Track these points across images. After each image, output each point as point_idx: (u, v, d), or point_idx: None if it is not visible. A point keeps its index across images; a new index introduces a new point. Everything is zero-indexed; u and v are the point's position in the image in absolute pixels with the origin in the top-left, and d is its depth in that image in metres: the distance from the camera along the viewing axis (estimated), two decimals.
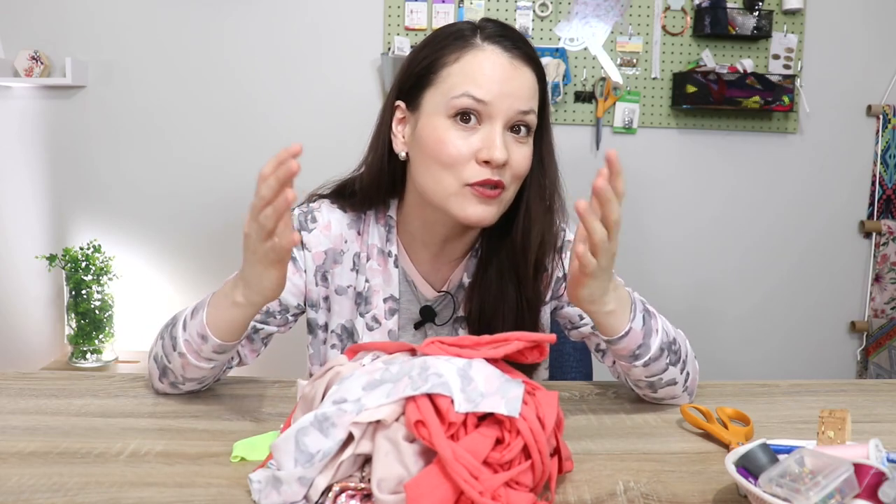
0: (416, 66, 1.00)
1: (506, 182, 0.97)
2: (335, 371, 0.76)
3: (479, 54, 0.96)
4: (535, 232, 1.03)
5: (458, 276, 1.11)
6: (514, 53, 0.97)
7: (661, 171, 2.65)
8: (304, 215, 1.09)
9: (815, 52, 2.62)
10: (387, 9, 2.51)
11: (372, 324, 1.09)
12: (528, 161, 0.99)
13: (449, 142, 0.95)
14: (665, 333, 0.94)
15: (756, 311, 2.74)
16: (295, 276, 1.07)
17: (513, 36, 0.98)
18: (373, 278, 1.08)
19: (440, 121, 0.96)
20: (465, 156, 0.95)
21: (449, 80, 0.96)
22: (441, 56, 0.98)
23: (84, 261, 2.39)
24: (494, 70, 0.95)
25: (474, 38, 0.97)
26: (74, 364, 2.42)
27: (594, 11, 2.55)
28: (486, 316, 1.06)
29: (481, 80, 0.95)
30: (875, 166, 2.69)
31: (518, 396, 0.68)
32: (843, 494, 0.62)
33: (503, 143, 0.95)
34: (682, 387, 0.98)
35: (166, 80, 2.52)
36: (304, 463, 0.66)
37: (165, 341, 0.96)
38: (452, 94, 0.95)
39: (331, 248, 1.08)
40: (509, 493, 0.64)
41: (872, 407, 1.03)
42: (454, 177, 0.96)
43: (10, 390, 0.99)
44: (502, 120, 0.95)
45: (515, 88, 0.96)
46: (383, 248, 1.09)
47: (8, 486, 0.71)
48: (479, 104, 0.94)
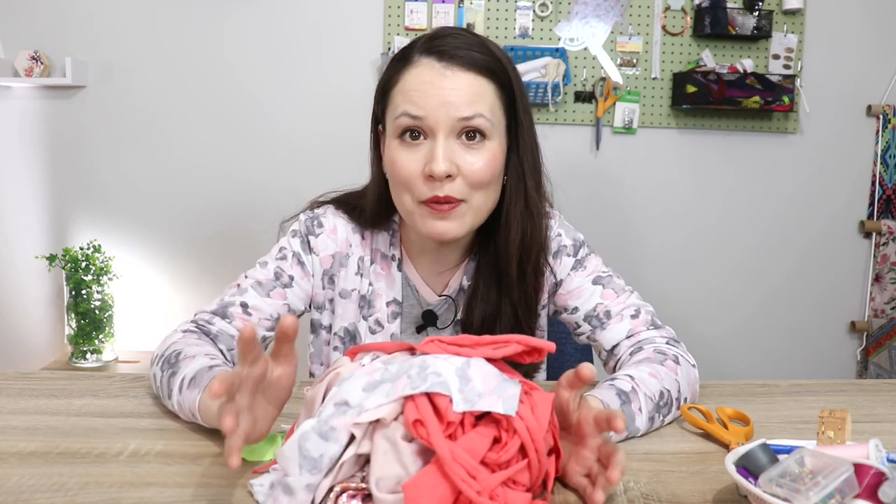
0: (377, 93, 1.04)
1: (459, 195, 0.97)
2: (335, 373, 0.76)
3: (413, 70, 0.97)
4: (514, 232, 1.03)
5: (457, 280, 1.12)
6: (449, 62, 0.96)
7: (661, 171, 2.64)
8: (310, 220, 1.11)
9: (815, 52, 2.62)
10: (387, 9, 2.51)
11: (375, 327, 1.10)
12: (487, 166, 0.97)
13: (398, 162, 0.98)
14: (648, 401, 0.89)
15: (756, 311, 2.74)
16: (303, 280, 1.09)
17: (456, 43, 0.97)
18: (376, 282, 1.10)
19: (392, 142, 0.99)
20: (414, 174, 0.97)
21: (393, 102, 0.99)
22: (389, 78, 1.01)
23: (84, 261, 2.39)
24: (425, 83, 0.96)
25: (413, 54, 0.98)
26: (74, 364, 2.42)
27: (594, 11, 2.55)
28: (487, 321, 1.07)
29: (414, 96, 0.96)
30: (875, 166, 2.69)
31: (515, 395, 0.68)
32: (843, 494, 0.62)
33: (445, 155, 0.95)
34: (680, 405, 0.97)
35: (166, 80, 2.52)
36: (311, 469, 0.66)
37: (163, 384, 0.91)
38: (395, 115, 0.98)
39: (337, 251, 1.10)
40: (507, 492, 0.65)
41: (872, 407, 1.03)
42: (410, 196, 0.99)
43: (10, 390, 0.99)
44: (444, 130, 0.96)
45: (451, 97, 0.95)
46: (387, 253, 1.11)
47: (8, 486, 0.71)
48: (416, 121, 0.96)
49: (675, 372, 0.96)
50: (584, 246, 1.13)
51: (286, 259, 1.09)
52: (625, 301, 1.09)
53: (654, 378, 0.93)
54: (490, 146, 0.98)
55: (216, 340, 1.03)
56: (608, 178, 2.60)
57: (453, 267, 1.12)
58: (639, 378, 0.91)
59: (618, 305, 1.08)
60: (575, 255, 1.12)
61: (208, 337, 1.03)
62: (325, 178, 2.28)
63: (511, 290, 1.06)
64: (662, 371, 0.95)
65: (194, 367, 0.88)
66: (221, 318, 1.04)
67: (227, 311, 1.05)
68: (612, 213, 2.62)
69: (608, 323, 1.07)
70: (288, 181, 2.52)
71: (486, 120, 0.96)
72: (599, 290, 1.09)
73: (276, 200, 2.54)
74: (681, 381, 0.96)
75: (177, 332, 1.02)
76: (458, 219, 0.99)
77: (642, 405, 0.88)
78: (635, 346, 1.04)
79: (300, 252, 1.10)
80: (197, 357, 0.91)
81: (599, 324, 1.08)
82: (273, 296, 1.07)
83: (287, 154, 2.54)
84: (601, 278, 1.11)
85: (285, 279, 1.08)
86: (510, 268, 1.04)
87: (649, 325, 1.06)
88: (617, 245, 2.62)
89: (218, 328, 1.03)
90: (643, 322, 1.06)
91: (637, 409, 0.88)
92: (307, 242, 1.10)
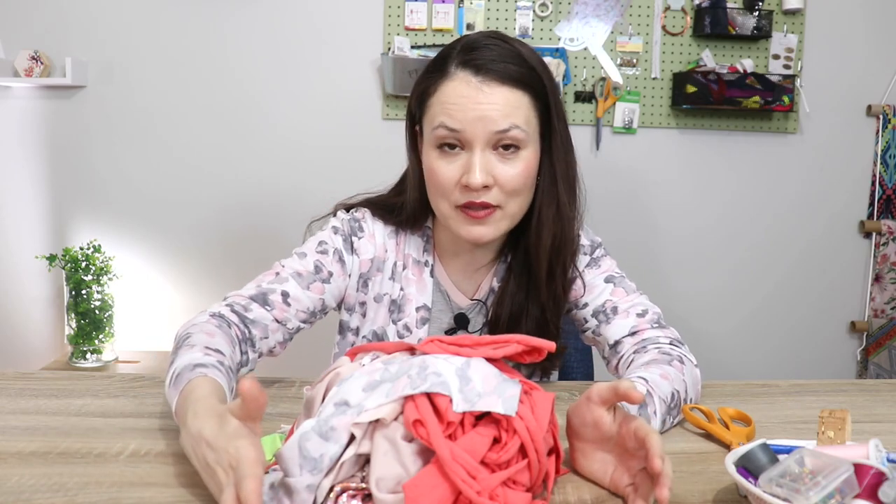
0: (413, 97, 1.06)
1: (495, 201, 1.00)
2: (335, 373, 0.76)
3: (450, 83, 0.99)
4: (546, 236, 1.05)
5: (488, 282, 1.14)
6: (485, 76, 0.98)
7: (661, 171, 2.65)
8: (353, 221, 1.13)
9: (815, 52, 2.61)
10: (387, 9, 2.51)
11: (403, 331, 1.12)
12: (522, 175, 1.00)
13: (437, 171, 1.01)
14: (661, 403, 0.89)
15: (756, 310, 2.74)
16: (339, 278, 1.10)
17: (491, 56, 0.99)
18: (407, 287, 1.12)
19: (430, 150, 1.02)
20: (451, 182, 1.00)
21: (430, 111, 1.02)
22: (427, 86, 1.03)
23: (84, 261, 2.39)
24: (462, 97, 0.98)
25: (451, 65, 1.00)
26: (74, 364, 2.42)
27: (594, 11, 2.55)
28: (513, 320, 1.08)
29: (452, 110, 0.98)
30: (875, 166, 2.69)
31: (515, 396, 0.68)
32: (843, 494, 0.62)
33: (482, 167, 0.98)
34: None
35: (166, 80, 2.52)
36: (311, 469, 0.66)
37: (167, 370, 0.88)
38: (433, 126, 1.00)
39: (375, 256, 1.12)
40: (507, 492, 0.65)
41: (872, 407, 1.03)
42: (447, 201, 1.02)
43: (10, 390, 0.99)
44: (480, 144, 0.98)
45: (487, 111, 0.97)
46: (419, 258, 1.13)
47: (8, 486, 0.71)
48: (454, 133, 0.99)
49: (682, 372, 0.97)
50: (601, 248, 1.16)
51: (327, 254, 1.09)
52: (633, 300, 1.10)
53: (665, 380, 0.93)
54: (525, 155, 1.01)
55: (251, 326, 1.00)
56: (608, 178, 2.60)
57: (484, 267, 1.14)
58: (652, 381, 0.91)
59: (626, 303, 1.09)
60: (591, 254, 1.14)
61: (238, 323, 0.99)
62: (325, 178, 2.31)
63: (539, 291, 1.08)
64: (672, 372, 0.95)
65: (183, 362, 0.84)
66: (261, 305, 1.02)
67: (268, 298, 1.03)
68: (612, 212, 2.62)
69: (614, 318, 1.08)
70: (288, 181, 2.52)
71: (522, 131, 0.99)
72: (610, 287, 1.11)
73: (277, 200, 2.56)
74: (687, 382, 0.97)
75: (204, 313, 0.99)
76: (494, 224, 1.02)
77: (657, 408, 0.89)
78: (639, 345, 1.05)
79: (342, 250, 1.10)
80: (195, 348, 0.87)
81: (605, 319, 1.09)
82: (312, 289, 1.07)
83: (287, 154, 2.54)
84: (613, 277, 1.12)
85: (325, 274, 1.08)
86: (540, 269, 1.06)
87: (654, 324, 1.07)
88: (617, 245, 2.61)
89: (255, 315, 1.01)
90: (648, 321, 1.07)
91: (652, 412, 0.88)
92: (350, 242, 1.11)
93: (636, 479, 0.71)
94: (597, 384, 0.74)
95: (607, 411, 0.73)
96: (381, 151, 2.47)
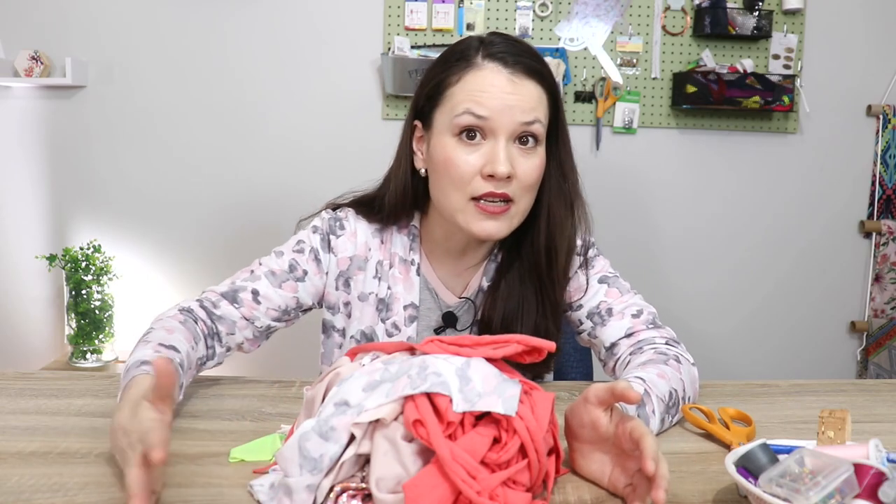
0: (426, 87, 1.05)
1: (513, 195, 1.00)
2: (335, 373, 0.76)
3: (479, 73, 1.00)
4: (561, 237, 1.06)
5: (477, 281, 1.14)
6: (514, 69, 0.99)
7: (661, 171, 2.64)
8: (333, 220, 1.12)
9: (815, 52, 2.61)
10: (387, 9, 2.51)
11: (392, 330, 1.12)
12: (538, 170, 1.01)
13: (456, 159, 0.99)
14: (660, 402, 0.89)
15: (756, 310, 2.74)
16: (316, 276, 1.10)
17: (514, 50, 1.00)
18: (395, 285, 1.12)
19: (447, 139, 1.01)
20: (471, 172, 0.99)
21: (453, 100, 1.00)
22: (446, 77, 1.02)
23: (84, 261, 2.39)
24: (493, 86, 0.98)
25: (476, 57, 1.01)
26: (74, 364, 2.42)
27: (594, 11, 2.55)
28: (507, 321, 1.08)
29: (481, 98, 0.98)
30: (875, 166, 2.69)
31: (515, 396, 0.68)
32: (843, 494, 0.62)
33: (507, 157, 0.98)
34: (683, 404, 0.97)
35: (166, 81, 2.52)
36: (311, 469, 0.66)
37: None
38: (455, 113, 0.99)
39: (356, 254, 1.11)
40: (507, 492, 0.65)
41: (872, 407, 1.03)
42: (461, 193, 1.00)
43: (10, 390, 0.99)
44: (505, 133, 0.98)
45: (516, 101, 0.98)
46: (405, 257, 1.12)
47: (8, 486, 0.71)
48: (480, 120, 0.98)
49: (679, 371, 0.97)
50: (594, 248, 1.15)
51: (303, 253, 1.10)
52: (628, 300, 1.09)
53: (663, 379, 0.93)
54: (540, 151, 1.02)
55: (217, 322, 1.04)
56: (608, 178, 2.60)
57: (473, 267, 1.14)
58: (649, 380, 0.91)
59: (620, 304, 1.09)
60: (584, 255, 1.14)
61: (205, 319, 1.03)
62: (324, 178, 2.31)
63: (537, 290, 1.08)
64: (669, 371, 0.95)
65: (133, 359, 0.88)
66: (230, 303, 1.05)
67: (238, 295, 1.06)
68: (612, 213, 2.62)
69: (609, 320, 1.08)
70: (288, 181, 2.52)
71: (542, 126, 1.01)
72: (604, 288, 1.11)
73: (277, 200, 2.56)
74: (685, 380, 0.97)
75: (175, 307, 1.04)
76: (507, 220, 1.02)
77: (655, 407, 0.89)
78: (635, 345, 1.05)
79: (318, 249, 1.11)
80: (149, 345, 0.91)
81: (601, 321, 1.09)
82: (285, 287, 1.08)
83: (287, 153, 2.54)
84: (607, 278, 1.12)
85: (299, 273, 1.09)
86: (551, 271, 1.07)
87: (649, 324, 1.07)
88: (616, 244, 2.62)
89: (223, 311, 1.05)
90: (644, 321, 1.07)
91: (651, 411, 0.88)
92: (327, 241, 1.11)
93: (634, 480, 0.72)
94: (594, 385, 0.74)
95: (604, 412, 0.73)
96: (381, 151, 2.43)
